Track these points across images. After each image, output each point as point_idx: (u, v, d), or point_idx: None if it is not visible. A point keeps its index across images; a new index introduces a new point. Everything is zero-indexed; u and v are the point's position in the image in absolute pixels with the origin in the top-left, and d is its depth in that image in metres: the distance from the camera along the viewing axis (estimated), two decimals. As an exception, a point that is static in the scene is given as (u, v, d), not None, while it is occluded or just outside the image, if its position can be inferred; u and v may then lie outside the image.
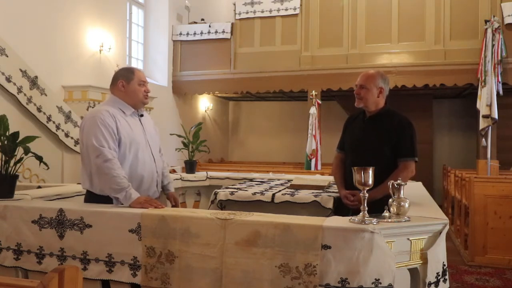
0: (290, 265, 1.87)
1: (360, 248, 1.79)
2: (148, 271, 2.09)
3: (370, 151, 2.67)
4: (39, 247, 2.27)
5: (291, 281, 1.87)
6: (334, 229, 1.85)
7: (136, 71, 2.64)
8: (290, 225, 1.91)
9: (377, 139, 2.69)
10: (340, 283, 1.80)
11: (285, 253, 1.88)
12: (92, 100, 6.11)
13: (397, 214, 1.98)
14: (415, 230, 1.95)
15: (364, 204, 1.91)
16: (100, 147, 2.35)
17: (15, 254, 2.30)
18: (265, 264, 1.91)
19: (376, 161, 2.30)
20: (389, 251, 1.82)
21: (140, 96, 2.60)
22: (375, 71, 2.81)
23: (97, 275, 2.17)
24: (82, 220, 2.21)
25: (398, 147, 2.64)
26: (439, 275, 1.97)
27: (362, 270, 1.78)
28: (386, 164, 2.60)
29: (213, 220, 2.02)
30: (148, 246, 2.10)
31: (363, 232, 1.80)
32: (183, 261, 2.04)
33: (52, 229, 2.25)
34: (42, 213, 2.27)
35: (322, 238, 1.83)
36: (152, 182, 2.61)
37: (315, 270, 1.83)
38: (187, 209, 3.54)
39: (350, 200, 2.66)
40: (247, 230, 1.95)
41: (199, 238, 2.02)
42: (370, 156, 2.63)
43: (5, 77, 4.70)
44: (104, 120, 2.42)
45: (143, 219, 2.12)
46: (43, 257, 2.26)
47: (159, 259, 2.08)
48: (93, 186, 2.45)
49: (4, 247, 2.33)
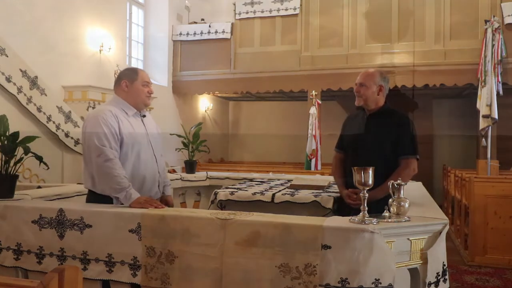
0: (290, 265, 1.87)
1: (360, 248, 1.79)
2: (148, 271, 2.09)
3: (370, 150, 2.67)
4: (39, 247, 2.27)
5: (291, 281, 1.87)
6: (334, 229, 1.85)
7: (140, 72, 2.65)
8: (290, 225, 1.91)
9: (378, 138, 2.69)
10: (340, 283, 1.80)
11: (285, 253, 1.88)
12: (92, 100, 6.11)
13: (397, 214, 1.98)
14: (415, 230, 1.95)
15: (364, 204, 1.91)
16: (101, 146, 2.36)
17: (15, 254, 2.30)
18: (265, 264, 1.91)
19: (377, 160, 2.30)
20: (389, 251, 1.82)
21: (142, 96, 2.60)
22: (374, 69, 2.81)
23: (97, 275, 2.17)
24: (82, 220, 2.21)
25: (399, 145, 2.64)
26: (439, 275, 1.97)
27: (362, 270, 1.78)
28: (387, 162, 2.60)
29: (213, 220, 2.02)
30: (148, 246, 2.10)
31: (363, 232, 1.80)
32: (183, 261, 2.04)
33: (52, 229, 2.25)
34: (42, 213, 2.27)
35: (322, 238, 1.83)
36: (154, 183, 2.61)
37: (315, 270, 1.83)
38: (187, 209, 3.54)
39: (353, 198, 2.64)
40: (247, 230, 1.95)
41: (199, 238, 2.02)
42: (371, 154, 2.63)
43: (5, 77, 4.70)
44: (106, 120, 2.42)
45: (143, 219, 2.12)
46: (43, 257, 2.26)
47: (159, 259, 2.08)
48: (95, 186, 2.46)
49: (4, 247, 2.33)
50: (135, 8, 8.57)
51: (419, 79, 7.50)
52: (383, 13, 7.71)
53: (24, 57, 5.09)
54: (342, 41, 7.97)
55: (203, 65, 8.82)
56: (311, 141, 7.80)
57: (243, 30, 8.59)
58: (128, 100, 2.59)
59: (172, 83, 8.99)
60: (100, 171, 2.36)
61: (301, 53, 8.19)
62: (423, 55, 7.55)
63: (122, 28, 7.76)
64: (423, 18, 7.55)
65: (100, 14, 7.09)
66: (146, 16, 8.89)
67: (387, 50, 7.74)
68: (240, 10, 8.55)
